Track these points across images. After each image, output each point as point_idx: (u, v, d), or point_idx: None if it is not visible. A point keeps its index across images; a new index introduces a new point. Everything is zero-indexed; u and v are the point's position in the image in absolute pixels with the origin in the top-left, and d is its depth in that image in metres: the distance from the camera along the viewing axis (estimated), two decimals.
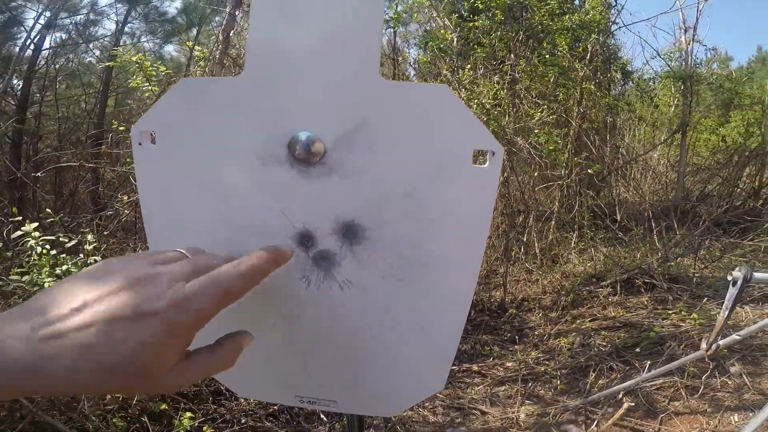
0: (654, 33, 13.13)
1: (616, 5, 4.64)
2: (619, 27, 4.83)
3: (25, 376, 0.25)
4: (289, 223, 0.43)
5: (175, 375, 0.30)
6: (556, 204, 4.48)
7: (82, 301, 0.27)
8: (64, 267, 2.06)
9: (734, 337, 1.59)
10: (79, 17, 5.62)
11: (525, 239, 4.12)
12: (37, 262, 2.12)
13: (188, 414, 1.79)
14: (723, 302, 1.38)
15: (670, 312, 2.84)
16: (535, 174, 4.54)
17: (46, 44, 5.28)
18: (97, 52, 5.95)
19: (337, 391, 0.47)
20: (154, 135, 0.44)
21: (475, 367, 2.63)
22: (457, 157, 0.41)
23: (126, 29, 5.89)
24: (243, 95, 0.41)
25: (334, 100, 0.41)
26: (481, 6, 3.79)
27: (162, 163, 0.44)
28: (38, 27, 5.14)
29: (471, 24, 3.90)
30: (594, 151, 4.82)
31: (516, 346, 2.82)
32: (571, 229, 4.34)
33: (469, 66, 4.05)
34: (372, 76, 0.40)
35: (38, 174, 4.34)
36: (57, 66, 5.50)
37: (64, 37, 5.56)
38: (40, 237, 2.11)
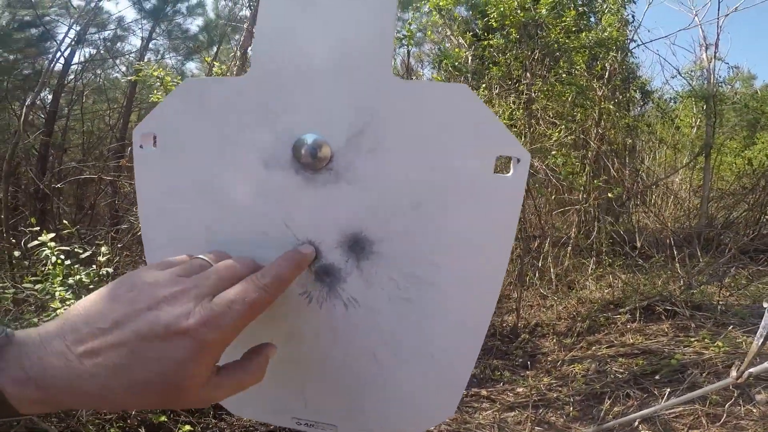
0: (673, 51, 13.11)
1: (633, 22, 4.69)
2: (638, 45, 4.87)
3: (62, 393, 0.26)
4: (291, 234, 0.41)
5: (207, 391, 0.31)
6: (574, 229, 4.46)
7: (113, 321, 0.28)
8: (77, 277, 2.15)
9: (766, 365, 1.56)
10: (107, 33, 5.94)
11: (540, 264, 4.09)
12: (51, 271, 2.21)
13: (187, 427, 1.80)
14: (750, 330, 1.37)
15: (693, 339, 2.78)
16: (552, 197, 4.54)
17: (75, 59, 5.58)
18: (123, 68, 6.25)
19: (338, 416, 0.45)
20: (156, 138, 0.43)
21: (483, 392, 2.60)
22: (476, 164, 0.38)
23: (150, 45, 6.21)
24: (247, 95, 0.40)
25: (343, 100, 0.39)
26: (495, 24, 3.87)
27: (162, 167, 0.43)
28: (68, 42, 5.45)
29: (485, 43, 3.98)
30: (613, 174, 4.80)
31: (528, 372, 2.78)
32: (589, 255, 4.30)
33: (484, 85, 4.13)
34: (383, 74, 0.38)
35: (58, 186, 4.55)
36: (84, 81, 5.79)
37: (92, 53, 5.87)
38: (55, 247, 2.20)
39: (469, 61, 3.67)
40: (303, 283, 0.41)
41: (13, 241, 2.77)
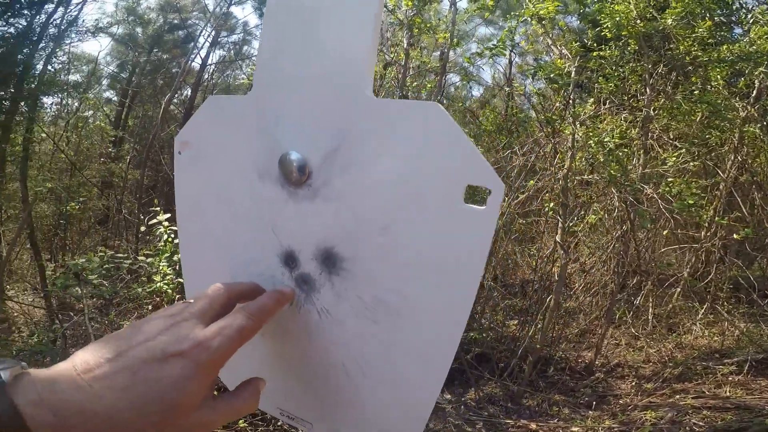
0: None
1: None
2: None
3: (74, 416, 0.30)
4: (277, 240, 0.46)
5: (203, 413, 0.35)
6: (686, 270, 4.00)
7: (116, 352, 0.33)
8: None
9: None
10: (235, 36, 6.84)
11: (637, 303, 3.76)
12: (162, 248, 2.66)
13: None
14: None
15: None
16: (665, 232, 4.11)
17: (210, 60, 6.56)
18: (249, 71, 7.17)
19: (313, 416, 0.49)
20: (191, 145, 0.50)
21: (533, 426, 2.52)
22: (445, 192, 0.38)
23: None
24: (246, 112, 0.46)
25: (323, 118, 0.42)
26: (609, 35, 3.69)
27: (192, 172, 0.51)
28: (203, 43, 6.41)
29: (596, 53, 3.80)
30: (750, 210, 4.20)
31: (590, 412, 2.62)
32: (703, 299, 3.84)
33: (591, 100, 3.93)
34: (359, 92, 0.40)
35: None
36: (214, 81, 6.73)
37: (223, 54, 6.81)
38: (168, 226, 2.63)
39: (573, 72, 3.53)
40: (287, 286, 0.47)
41: (142, 218, 3.35)
